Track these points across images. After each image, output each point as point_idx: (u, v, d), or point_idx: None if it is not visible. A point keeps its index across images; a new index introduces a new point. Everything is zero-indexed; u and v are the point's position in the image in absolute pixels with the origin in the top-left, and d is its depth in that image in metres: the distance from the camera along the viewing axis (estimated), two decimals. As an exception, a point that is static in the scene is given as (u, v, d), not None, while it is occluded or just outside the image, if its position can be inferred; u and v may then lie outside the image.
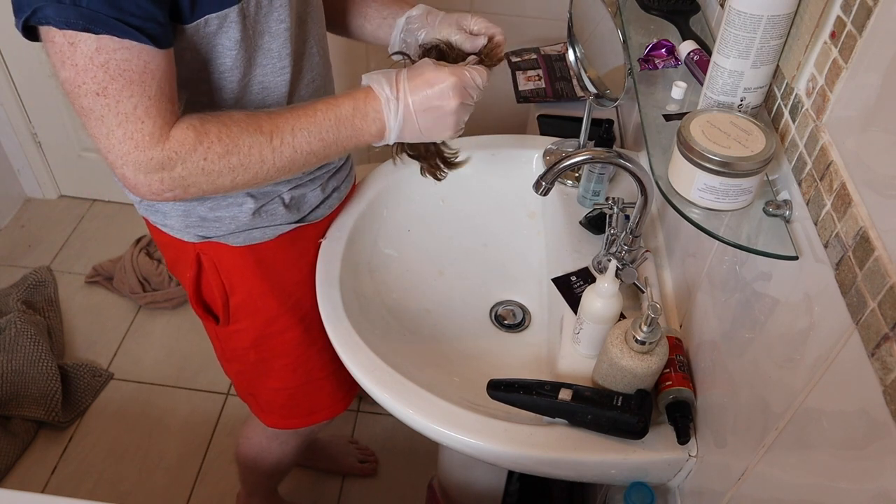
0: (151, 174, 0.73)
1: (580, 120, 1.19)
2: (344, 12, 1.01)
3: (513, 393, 0.85)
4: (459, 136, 0.85)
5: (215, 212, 0.93)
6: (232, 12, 0.74)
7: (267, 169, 0.78)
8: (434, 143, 0.91)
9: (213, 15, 0.73)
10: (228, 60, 0.78)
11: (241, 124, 0.75)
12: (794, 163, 0.65)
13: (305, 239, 1.04)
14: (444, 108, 0.80)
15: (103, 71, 0.67)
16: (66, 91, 0.69)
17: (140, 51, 0.67)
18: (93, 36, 0.65)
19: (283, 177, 0.81)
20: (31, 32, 0.68)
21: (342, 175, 1.06)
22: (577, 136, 1.21)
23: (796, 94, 0.65)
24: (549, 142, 1.24)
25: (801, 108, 0.64)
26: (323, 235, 1.07)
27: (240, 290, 1.01)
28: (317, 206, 1.02)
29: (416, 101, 0.79)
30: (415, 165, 1.20)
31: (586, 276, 1.05)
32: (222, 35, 0.76)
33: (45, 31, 0.66)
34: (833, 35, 0.59)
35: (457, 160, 0.96)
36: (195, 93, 0.80)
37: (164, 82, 0.71)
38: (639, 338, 0.80)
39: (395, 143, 0.85)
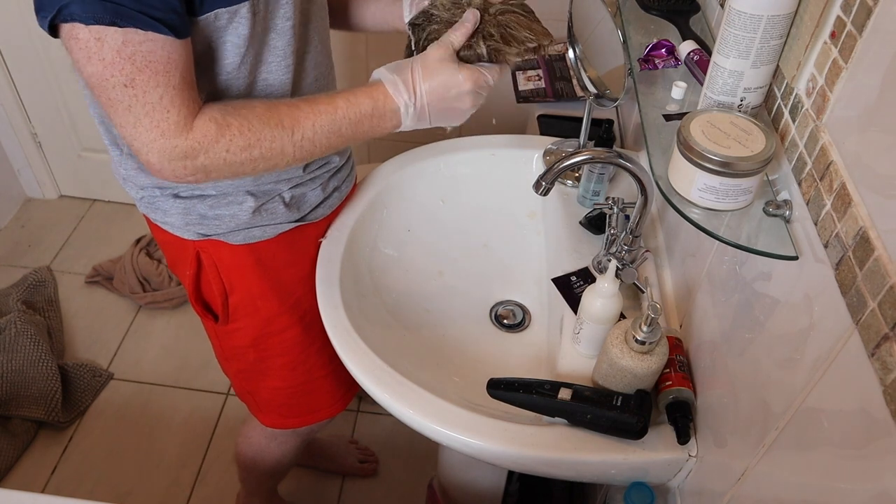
0: (176, 161, 0.75)
1: (580, 120, 1.19)
2: (346, 4, 1.01)
3: (512, 392, 0.85)
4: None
5: (215, 210, 0.93)
6: (242, 8, 0.75)
7: (287, 160, 0.81)
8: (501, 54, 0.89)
9: (224, 10, 0.74)
10: (236, 57, 0.79)
11: (263, 117, 0.78)
12: (794, 163, 0.65)
13: (305, 238, 1.04)
14: (458, 109, 0.85)
15: (130, 63, 0.69)
16: (93, 85, 0.71)
17: (164, 42, 0.69)
18: (119, 29, 0.67)
19: (300, 164, 0.86)
20: (53, 29, 0.69)
21: (343, 174, 1.06)
22: (577, 136, 1.21)
23: (796, 94, 0.65)
24: (549, 142, 1.24)
25: (801, 108, 0.64)
26: (323, 235, 1.07)
27: (239, 289, 1.01)
28: (317, 206, 1.02)
29: (433, 105, 0.83)
30: (414, 165, 1.21)
31: (586, 276, 1.05)
32: (231, 31, 0.76)
33: (68, 28, 0.68)
34: (833, 35, 0.59)
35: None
36: (200, 90, 0.80)
37: (186, 72, 0.73)
38: (639, 338, 0.80)
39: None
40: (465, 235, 1.22)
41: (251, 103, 0.79)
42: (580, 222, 1.13)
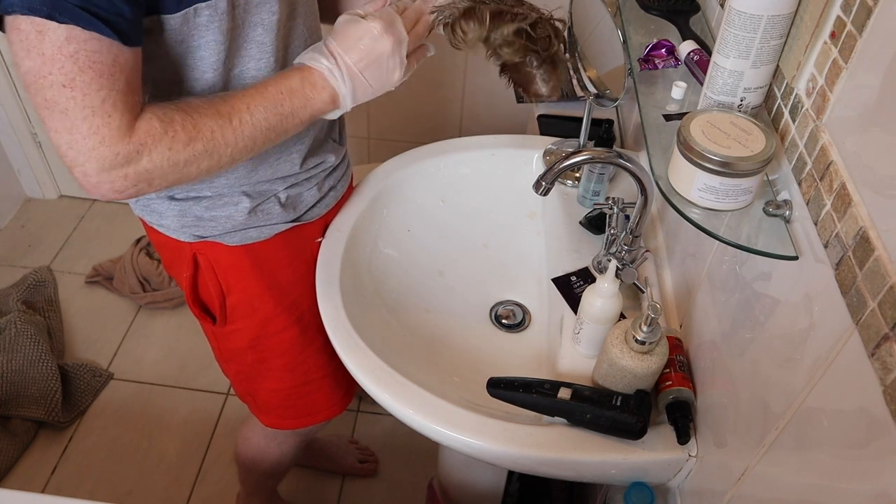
0: (116, 170, 0.70)
1: (580, 120, 1.19)
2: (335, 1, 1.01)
3: (512, 391, 0.85)
4: (406, 78, 0.84)
5: (211, 211, 0.93)
6: (221, 2, 0.73)
7: (231, 152, 0.77)
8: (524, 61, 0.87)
9: (203, 4, 0.72)
10: (221, 54, 0.78)
11: (201, 109, 0.74)
12: (794, 163, 0.65)
13: (302, 238, 1.04)
14: (383, 54, 0.80)
15: (72, 62, 0.64)
16: (28, 82, 0.66)
17: (110, 44, 0.66)
18: (61, 25, 0.63)
19: (244, 158, 0.80)
20: None
21: (338, 174, 1.06)
22: (577, 136, 1.21)
23: (796, 94, 0.65)
24: (549, 142, 1.24)
25: (801, 108, 0.64)
26: (320, 235, 1.07)
27: (236, 290, 1.01)
28: (313, 206, 1.02)
29: (355, 60, 0.79)
30: (414, 165, 1.21)
31: (586, 276, 1.05)
32: (212, 27, 0.75)
33: (10, 19, 0.64)
34: (833, 35, 0.59)
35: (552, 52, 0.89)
36: (182, 86, 0.80)
37: (133, 76, 0.70)
38: (639, 338, 0.80)
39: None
40: (465, 235, 1.22)
41: (187, 99, 0.76)
42: (580, 222, 1.13)
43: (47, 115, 0.67)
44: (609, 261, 0.99)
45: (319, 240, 1.07)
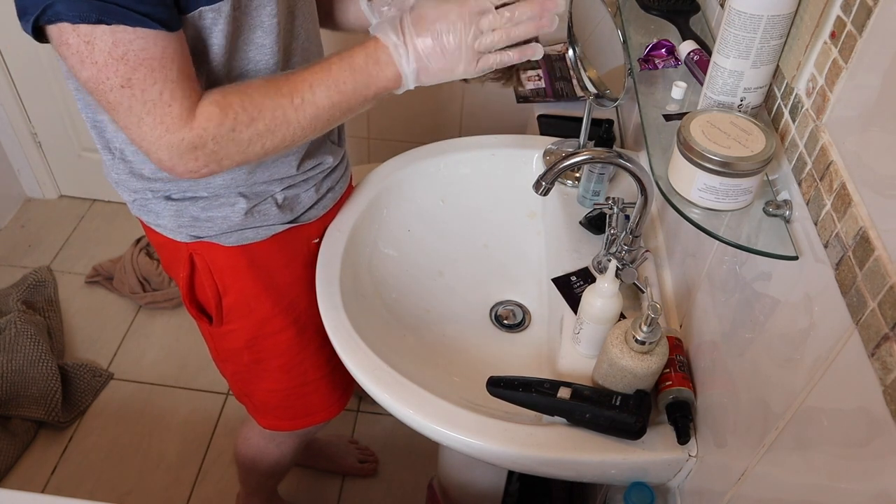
0: (186, 154, 0.74)
1: (580, 120, 1.19)
2: (332, 4, 1.01)
3: (512, 390, 0.85)
4: (499, 71, 0.82)
5: (207, 212, 0.93)
6: (225, 5, 0.74)
7: (293, 130, 0.78)
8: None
9: (208, 8, 0.73)
10: (220, 55, 0.78)
11: (261, 90, 0.76)
12: (794, 163, 0.65)
13: (299, 240, 1.04)
14: (452, 43, 0.76)
15: (124, 63, 0.67)
16: (90, 90, 0.70)
17: (155, 37, 0.68)
18: (108, 29, 0.65)
19: (310, 136, 0.81)
20: (38, 33, 0.68)
21: (337, 175, 1.05)
22: (577, 136, 1.21)
23: (796, 94, 0.65)
24: (549, 142, 1.24)
25: (801, 108, 0.64)
26: (317, 236, 1.07)
27: (233, 291, 1.01)
28: (310, 207, 1.02)
29: (425, 42, 0.76)
30: (414, 165, 1.21)
31: (586, 276, 1.05)
32: (215, 29, 0.76)
33: (57, 33, 0.66)
34: (833, 35, 0.59)
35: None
36: None
37: (184, 63, 0.72)
38: (639, 338, 0.80)
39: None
40: (465, 235, 1.22)
41: (248, 81, 0.78)
42: (580, 222, 1.13)
43: (115, 116, 0.72)
44: (609, 261, 0.99)
45: (317, 241, 1.07)
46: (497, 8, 0.76)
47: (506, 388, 0.85)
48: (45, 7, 0.64)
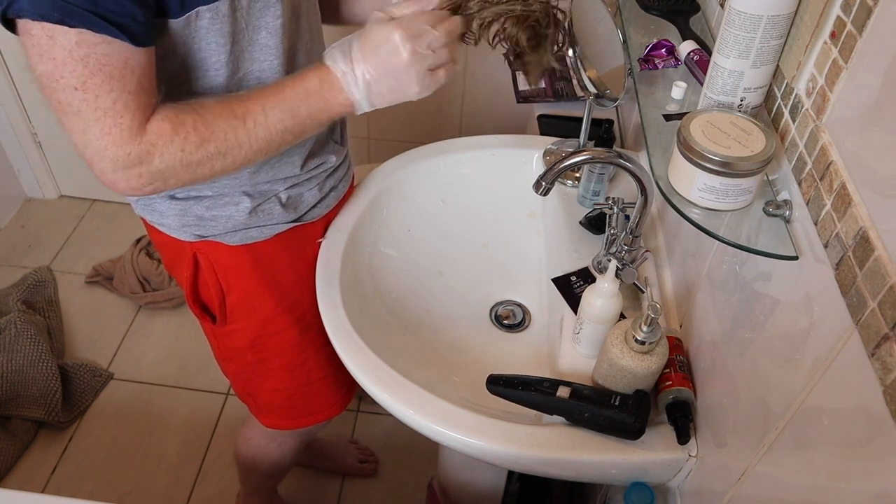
0: (130, 169, 0.72)
1: (580, 120, 1.19)
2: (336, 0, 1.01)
3: (512, 389, 0.85)
4: (439, 88, 0.81)
5: (212, 211, 0.93)
6: (223, 5, 0.74)
7: (245, 153, 0.77)
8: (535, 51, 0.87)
9: (205, 7, 0.73)
10: (222, 55, 0.78)
11: (215, 111, 0.75)
12: (794, 163, 0.65)
13: (302, 239, 1.04)
14: (398, 65, 0.76)
15: (83, 65, 0.66)
16: (43, 85, 0.68)
17: (120, 47, 0.67)
18: (71, 30, 0.64)
19: (260, 158, 0.80)
20: (11, 25, 0.67)
21: (339, 174, 1.06)
22: (577, 136, 1.21)
23: (796, 94, 0.65)
24: (549, 142, 1.24)
25: (801, 108, 0.64)
26: (320, 235, 1.07)
27: (236, 290, 1.01)
28: (314, 206, 1.02)
29: (370, 68, 0.77)
30: (414, 165, 1.21)
31: (586, 276, 1.05)
32: (214, 30, 0.75)
33: (22, 23, 0.65)
34: (833, 35, 0.59)
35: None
36: (188, 88, 0.80)
37: (145, 78, 0.70)
38: (639, 338, 0.80)
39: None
40: (465, 235, 1.22)
41: (202, 100, 0.76)
42: (580, 222, 1.13)
43: (62, 117, 0.70)
44: (609, 261, 0.99)
45: (320, 240, 1.07)
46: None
47: (505, 386, 0.85)
48: (10, 1, 0.64)
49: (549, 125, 1.45)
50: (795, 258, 0.62)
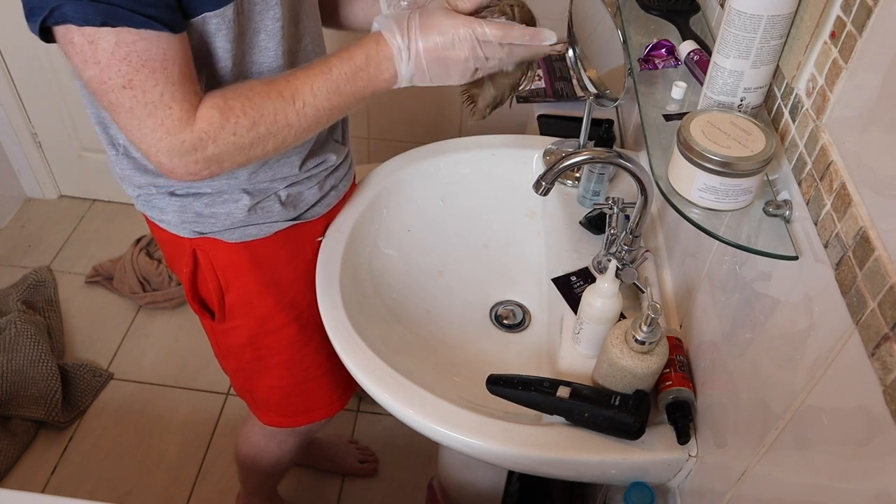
0: (186, 156, 0.74)
1: (580, 120, 1.19)
2: (336, 2, 1.01)
3: (512, 388, 0.85)
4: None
5: (211, 208, 0.93)
6: (229, 10, 0.74)
7: (295, 132, 0.79)
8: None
9: (211, 13, 0.73)
10: (227, 61, 0.79)
11: (263, 94, 0.77)
12: (794, 163, 0.65)
13: (302, 237, 1.04)
14: (453, 58, 0.78)
15: (126, 64, 0.68)
16: (93, 90, 0.71)
17: (158, 39, 0.68)
18: (111, 30, 0.66)
19: (310, 136, 0.83)
20: (45, 33, 0.69)
21: (340, 173, 1.06)
22: (577, 136, 1.21)
23: (796, 94, 0.65)
24: (549, 142, 1.24)
25: (801, 108, 0.64)
26: (320, 234, 1.07)
27: (235, 287, 1.01)
28: (314, 204, 1.02)
29: (427, 50, 0.78)
30: (414, 165, 1.21)
31: (586, 276, 1.05)
32: (220, 35, 0.76)
33: (62, 32, 0.67)
34: (833, 35, 0.59)
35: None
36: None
37: (185, 65, 0.72)
38: (639, 338, 0.80)
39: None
40: (465, 235, 1.22)
41: (249, 83, 0.78)
42: (580, 222, 1.13)
43: (116, 116, 0.72)
44: (609, 261, 0.99)
45: (320, 238, 1.07)
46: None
47: (505, 386, 0.85)
48: (52, 9, 0.65)
49: (549, 125, 1.45)
50: (795, 258, 0.62)
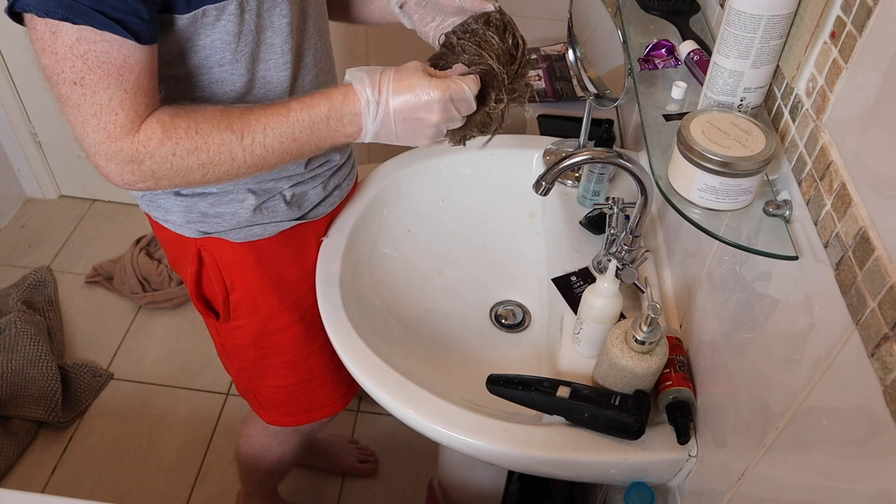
0: (122, 165, 0.73)
1: (580, 120, 1.19)
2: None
3: (511, 388, 0.85)
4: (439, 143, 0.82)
5: (216, 207, 0.93)
6: (230, 4, 0.74)
7: (237, 166, 0.77)
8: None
9: (212, 6, 0.73)
10: (227, 54, 0.78)
11: (212, 121, 0.75)
12: (794, 163, 0.65)
13: (306, 236, 1.04)
14: (425, 121, 0.77)
15: (82, 61, 0.67)
16: (47, 77, 0.70)
17: (121, 45, 0.68)
18: (73, 26, 0.65)
19: (256, 173, 0.80)
20: (18, 17, 0.69)
21: (344, 173, 1.06)
22: (577, 136, 1.21)
23: (796, 94, 0.65)
24: (549, 142, 1.24)
25: (801, 108, 0.64)
26: (324, 233, 1.07)
27: (240, 287, 1.02)
28: (318, 204, 1.02)
29: (397, 108, 0.77)
30: (414, 165, 1.21)
31: (586, 276, 1.05)
32: (219, 27, 0.76)
33: (28, 17, 0.67)
34: (833, 35, 0.59)
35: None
36: (193, 85, 0.80)
37: (144, 77, 0.71)
38: (639, 338, 0.80)
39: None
40: (465, 235, 1.22)
41: (202, 107, 0.76)
42: (580, 222, 1.13)
43: (63, 108, 0.71)
44: (609, 261, 0.99)
45: (325, 238, 1.07)
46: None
47: (505, 386, 0.85)
48: None
49: (549, 125, 1.45)
50: (795, 258, 0.62)
